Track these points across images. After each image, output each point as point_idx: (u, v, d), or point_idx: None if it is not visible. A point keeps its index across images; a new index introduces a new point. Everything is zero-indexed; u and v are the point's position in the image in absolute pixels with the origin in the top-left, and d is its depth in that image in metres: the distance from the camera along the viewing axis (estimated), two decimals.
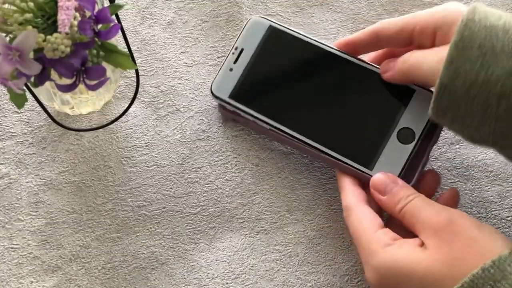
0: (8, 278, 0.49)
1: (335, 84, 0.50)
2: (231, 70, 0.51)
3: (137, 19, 0.57)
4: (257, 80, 0.51)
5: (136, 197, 0.51)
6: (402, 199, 0.44)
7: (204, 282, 0.49)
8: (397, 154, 0.46)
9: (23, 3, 0.40)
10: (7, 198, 0.51)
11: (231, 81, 0.51)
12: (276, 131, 0.49)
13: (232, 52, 0.52)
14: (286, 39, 0.51)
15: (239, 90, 0.51)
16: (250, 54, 0.51)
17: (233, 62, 0.51)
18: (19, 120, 0.54)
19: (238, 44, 0.52)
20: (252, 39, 0.52)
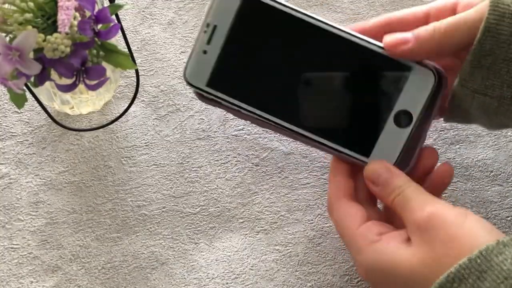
0: (8, 278, 0.49)
1: (323, 64, 0.44)
2: (205, 52, 0.44)
3: (137, 19, 0.57)
4: (236, 62, 0.44)
5: (136, 197, 0.51)
6: (394, 190, 0.42)
7: (204, 282, 0.49)
8: (394, 139, 0.44)
9: (23, 3, 0.40)
10: (7, 198, 0.51)
11: (206, 65, 0.44)
12: (262, 119, 0.45)
13: (203, 30, 0.44)
14: (265, 11, 0.44)
15: (217, 76, 0.44)
16: (225, 32, 0.44)
17: (206, 42, 0.44)
18: (19, 120, 0.54)
19: (210, 20, 0.44)
20: (225, 12, 0.44)
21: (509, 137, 0.53)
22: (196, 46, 0.44)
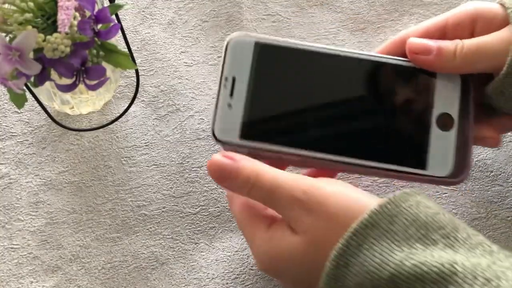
0: (8, 278, 0.49)
1: (352, 88, 0.44)
2: (230, 106, 0.43)
3: (137, 19, 0.57)
4: (265, 108, 0.44)
5: (136, 197, 0.51)
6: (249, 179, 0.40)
7: (204, 282, 0.49)
8: (444, 144, 0.43)
9: (23, 3, 0.40)
10: (7, 198, 0.51)
11: (234, 119, 0.43)
12: (308, 158, 0.43)
13: (223, 84, 0.44)
14: (280, 52, 0.44)
15: (249, 127, 0.43)
16: (246, 81, 0.44)
17: (229, 96, 0.43)
18: (19, 120, 0.54)
19: (227, 74, 0.44)
20: (241, 62, 0.44)
21: (509, 137, 0.53)
22: (219, 102, 0.43)
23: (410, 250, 0.35)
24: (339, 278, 0.36)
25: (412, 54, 0.44)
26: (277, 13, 0.57)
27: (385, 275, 0.35)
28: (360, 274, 0.35)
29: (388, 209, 0.36)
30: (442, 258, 0.34)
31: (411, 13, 0.57)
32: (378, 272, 0.35)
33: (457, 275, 0.33)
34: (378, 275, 0.35)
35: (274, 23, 0.57)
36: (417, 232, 0.35)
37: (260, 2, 0.58)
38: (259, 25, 0.57)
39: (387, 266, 0.35)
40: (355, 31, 0.57)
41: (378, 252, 0.35)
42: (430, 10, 0.57)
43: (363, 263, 0.35)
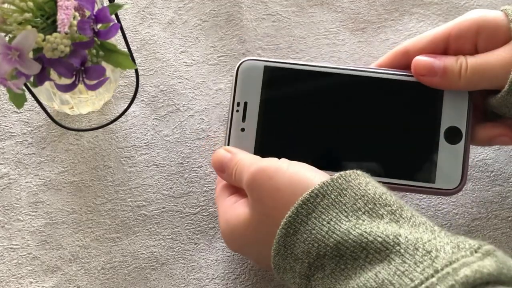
0: (8, 278, 0.49)
1: (360, 105, 0.46)
2: (243, 130, 0.46)
3: (137, 18, 0.57)
4: (277, 131, 0.46)
5: (136, 197, 0.51)
6: (232, 168, 0.44)
7: (204, 282, 0.49)
8: (452, 156, 0.44)
9: (23, 3, 0.40)
10: (6, 198, 0.51)
11: (248, 142, 0.46)
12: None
13: (235, 110, 0.46)
14: (288, 74, 0.46)
15: (261, 150, 0.46)
16: (257, 105, 0.46)
17: (241, 120, 0.46)
18: (18, 120, 0.54)
19: (239, 99, 0.46)
20: (252, 87, 0.46)
21: None
22: (232, 126, 0.46)
23: (357, 221, 0.37)
24: (288, 245, 0.38)
25: (418, 76, 0.45)
26: (277, 13, 0.57)
27: (331, 242, 0.36)
28: (307, 241, 0.37)
29: (338, 182, 0.38)
30: (387, 231, 0.36)
31: (411, 12, 0.57)
32: (325, 239, 0.36)
33: (400, 246, 0.35)
34: (324, 242, 0.36)
35: (274, 22, 0.57)
36: (365, 206, 0.37)
37: (260, 1, 0.57)
38: (259, 25, 0.57)
39: (333, 234, 0.36)
40: (355, 31, 0.57)
41: (326, 221, 0.37)
42: (430, 10, 0.57)
43: (311, 231, 0.37)
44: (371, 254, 0.35)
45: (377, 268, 0.35)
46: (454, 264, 0.32)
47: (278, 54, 0.56)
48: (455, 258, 0.33)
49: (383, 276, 0.34)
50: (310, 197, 0.38)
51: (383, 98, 0.46)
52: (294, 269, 0.38)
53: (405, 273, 0.33)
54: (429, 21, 0.57)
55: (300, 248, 0.38)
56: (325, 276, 0.37)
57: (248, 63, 0.47)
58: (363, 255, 0.35)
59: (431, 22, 0.57)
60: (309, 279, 0.38)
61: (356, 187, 0.38)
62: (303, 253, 0.38)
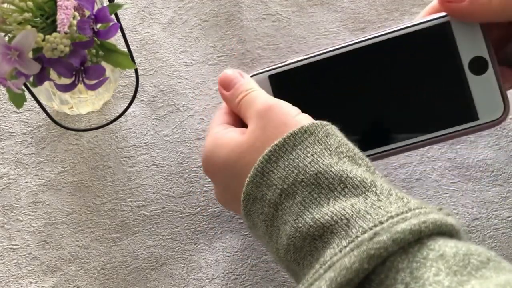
0: (7, 278, 0.49)
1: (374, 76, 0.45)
2: None
3: (137, 18, 0.57)
4: None
5: (136, 197, 0.51)
6: (243, 91, 0.44)
7: (204, 282, 0.49)
8: (486, 86, 0.42)
9: (22, 3, 0.40)
10: (6, 198, 0.51)
11: None
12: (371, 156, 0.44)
13: None
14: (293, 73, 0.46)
15: None
16: None
17: None
18: (18, 120, 0.53)
19: None
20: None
21: (510, 137, 0.53)
22: None
23: (339, 160, 0.38)
24: (266, 172, 0.39)
25: (444, 3, 0.43)
26: (277, 13, 0.57)
27: (311, 171, 0.38)
28: (287, 168, 0.38)
29: (326, 127, 0.40)
30: (365, 175, 0.37)
31: (411, 12, 0.57)
32: (306, 168, 0.38)
33: (376, 188, 0.37)
34: (304, 170, 0.38)
35: (274, 22, 0.57)
36: (347, 152, 0.39)
37: (260, 1, 0.57)
38: (259, 25, 0.57)
39: (315, 165, 0.38)
40: (356, 31, 0.57)
41: (310, 154, 0.38)
42: None
43: (294, 159, 0.38)
44: (347, 188, 0.37)
45: (353, 200, 0.36)
46: (425, 209, 0.35)
47: (278, 54, 0.56)
48: (424, 206, 0.35)
49: (359, 207, 0.35)
50: (298, 131, 0.39)
51: (394, 58, 0.45)
52: (265, 197, 0.39)
53: (381, 207, 0.35)
54: None
55: (278, 175, 0.38)
56: (294, 204, 0.38)
57: (254, 79, 0.46)
58: (339, 188, 0.37)
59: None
60: (276, 208, 0.38)
61: (340, 136, 0.40)
62: (279, 178, 0.38)
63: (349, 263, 0.33)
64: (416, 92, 0.44)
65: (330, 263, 0.34)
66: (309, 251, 0.36)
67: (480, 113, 0.43)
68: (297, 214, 0.37)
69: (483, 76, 0.43)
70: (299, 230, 0.37)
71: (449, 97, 0.43)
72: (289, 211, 0.38)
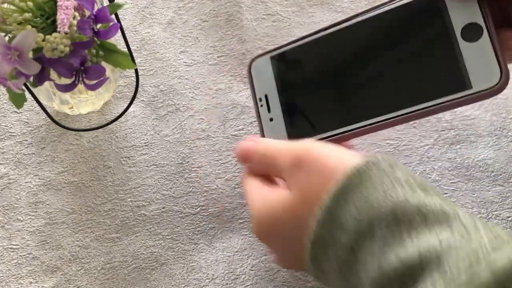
0: (8, 278, 0.49)
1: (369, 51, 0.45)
2: (272, 119, 0.47)
3: (137, 18, 0.57)
4: (301, 108, 0.46)
5: (136, 197, 0.51)
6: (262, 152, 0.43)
7: (204, 282, 0.49)
8: (480, 53, 0.41)
9: (22, 3, 0.40)
10: (6, 198, 0.51)
11: (280, 128, 0.47)
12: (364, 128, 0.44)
13: (260, 105, 0.48)
14: (293, 54, 0.47)
15: (293, 129, 0.46)
16: (276, 93, 0.47)
17: (267, 112, 0.48)
18: (18, 120, 0.53)
19: (259, 94, 0.48)
20: (267, 80, 0.48)
21: (510, 137, 0.53)
22: (262, 120, 0.48)
23: (413, 192, 0.35)
24: (335, 215, 0.36)
25: None
26: (277, 13, 0.57)
27: (387, 207, 0.34)
28: (359, 208, 0.35)
29: (389, 159, 0.37)
30: (445, 205, 0.34)
31: None
32: (380, 206, 0.34)
33: (460, 218, 0.33)
34: (379, 209, 0.34)
35: (274, 22, 0.57)
36: (415, 182, 0.35)
37: (260, 1, 0.57)
38: (259, 25, 0.57)
39: (390, 199, 0.34)
40: None
41: (381, 189, 0.35)
42: None
43: (366, 197, 0.35)
44: (429, 220, 0.33)
45: (438, 233, 0.33)
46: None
47: None
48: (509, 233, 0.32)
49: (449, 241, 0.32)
50: (363, 165, 0.36)
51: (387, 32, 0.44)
52: (338, 241, 0.36)
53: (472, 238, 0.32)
54: None
55: (351, 218, 0.35)
56: (375, 245, 0.34)
57: (256, 61, 0.49)
58: (421, 221, 0.33)
59: None
60: (353, 251, 0.35)
61: (404, 168, 0.37)
62: (353, 219, 0.35)
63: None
64: (409, 63, 0.43)
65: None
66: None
67: (473, 82, 0.41)
68: (379, 256, 0.34)
69: (477, 43, 0.41)
70: (385, 273, 0.33)
71: (441, 66, 0.42)
72: (370, 253, 0.34)
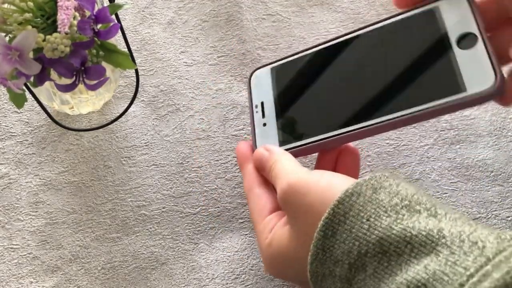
0: (8, 278, 0.49)
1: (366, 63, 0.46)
2: (265, 125, 0.49)
3: (137, 18, 0.57)
4: (293, 116, 0.48)
5: (136, 197, 0.51)
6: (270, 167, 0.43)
7: (204, 282, 0.49)
8: (475, 59, 0.42)
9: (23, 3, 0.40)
10: (6, 198, 0.51)
11: (272, 133, 0.48)
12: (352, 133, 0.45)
13: (255, 111, 0.49)
14: (291, 65, 0.49)
15: (284, 135, 0.47)
16: (272, 101, 0.49)
17: (261, 118, 0.49)
18: (18, 120, 0.54)
19: (256, 102, 0.50)
20: (264, 89, 0.50)
21: (509, 137, 0.53)
22: (255, 125, 0.49)
23: (397, 215, 0.35)
24: (326, 248, 0.37)
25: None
26: (277, 13, 0.57)
27: (373, 239, 0.35)
28: (347, 241, 0.36)
29: (371, 182, 0.37)
30: (429, 225, 0.34)
31: None
32: (366, 236, 0.35)
33: (445, 239, 0.33)
34: (366, 240, 0.35)
35: (274, 23, 0.57)
36: (401, 202, 0.36)
37: (260, 1, 0.57)
38: (259, 25, 0.57)
39: (375, 231, 0.35)
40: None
41: (365, 218, 0.35)
42: None
43: (350, 230, 0.36)
44: (416, 248, 0.34)
45: (425, 261, 0.33)
46: (504, 253, 0.32)
47: (278, 54, 0.56)
48: (502, 247, 0.32)
49: (434, 268, 0.32)
50: (345, 196, 0.37)
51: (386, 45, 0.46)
52: (334, 273, 0.37)
53: (457, 263, 0.32)
54: None
55: (340, 250, 0.36)
56: (368, 277, 0.35)
57: (257, 72, 0.51)
58: (408, 250, 0.34)
59: None
60: (350, 283, 0.36)
61: (389, 187, 0.37)
62: (343, 254, 0.36)
63: None
64: (406, 70, 0.44)
65: None
66: None
67: (468, 85, 0.41)
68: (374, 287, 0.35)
69: (471, 49, 0.42)
70: None
71: (436, 71, 0.43)
72: (364, 285, 0.35)
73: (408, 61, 0.45)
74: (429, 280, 0.32)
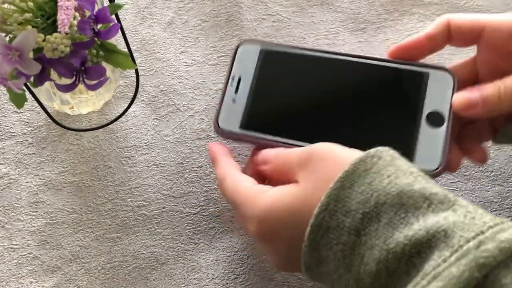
0: (8, 278, 0.49)
1: (346, 89, 0.48)
2: (234, 101, 0.48)
3: (137, 18, 0.57)
4: (263, 105, 0.48)
5: (136, 197, 0.51)
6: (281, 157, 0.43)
7: (204, 282, 0.49)
8: (433, 139, 0.44)
9: (23, 3, 0.40)
10: (6, 198, 0.51)
11: (237, 112, 0.48)
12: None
13: (230, 83, 0.49)
14: (282, 57, 0.49)
15: (248, 119, 0.48)
16: (249, 81, 0.48)
17: (234, 92, 0.48)
18: (18, 120, 0.54)
19: (234, 73, 0.49)
20: (247, 65, 0.49)
21: None
22: (225, 97, 0.48)
23: (415, 180, 0.37)
24: (340, 199, 0.37)
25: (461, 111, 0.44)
26: (277, 13, 0.57)
27: (392, 191, 0.36)
28: (365, 192, 0.37)
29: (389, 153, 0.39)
30: (445, 191, 0.36)
31: (411, 13, 0.57)
32: (386, 189, 0.36)
33: (461, 202, 0.36)
34: (385, 191, 0.36)
35: (274, 23, 0.57)
36: (418, 173, 0.37)
37: (260, 2, 0.58)
38: (259, 25, 0.57)
39: (395, 185, 0.36)
40: (355, 31, 0.57)
41: (386, 175, 0.37)
42: (430, 10, 0.57)
43: (370, 183, 0.37)
44: (433, 204, 0.35)
45: (443, 214, 0.35)
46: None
47: None
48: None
49: (454, 219, 0.34)
50: (366, 156, 0.38)
51: (370, 82, 0.47)
52: (342, 224, 0.37)
53: (475, 218, 0.34)
54: (429, 21, 0.57)
55: (356, 199, 0.37)
56: (381, 226, 0.36)
57: (246, 44, 0.49)
58: (425, 205, 0.35)
59: (431, 22, 0.56)
60: (359, 234, 0.36)
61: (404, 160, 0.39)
62: (358, 203, 0.36)
63: (457, 272, 0.31)
64: (373, 117, 0.46)
65: (434, 274, 0.32)
66: (405, 271, 0.34)
67: (417, 159, 0.44)
68: (386, 236, 0.35)
69: (435, 129, 0.44)
70: (392, 251, 0.34)
71: (397, 134, 0.45)
72: (375, 235, 0.36)
73: (377, 107, 0.47)
74: (449, 227, 0.34)
